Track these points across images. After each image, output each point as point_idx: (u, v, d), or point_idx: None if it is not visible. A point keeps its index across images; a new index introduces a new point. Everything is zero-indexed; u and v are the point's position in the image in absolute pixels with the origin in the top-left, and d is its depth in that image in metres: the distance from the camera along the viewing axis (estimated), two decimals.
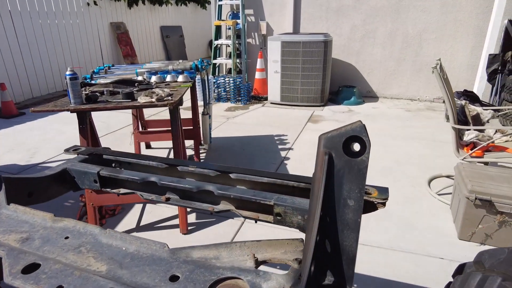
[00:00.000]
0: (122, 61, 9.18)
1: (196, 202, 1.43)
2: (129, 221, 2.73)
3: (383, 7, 6.36)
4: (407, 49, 6.48)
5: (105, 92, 2.55)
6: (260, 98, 6.63)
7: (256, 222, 1.37)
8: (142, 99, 2.24)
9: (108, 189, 1.58)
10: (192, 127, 3.89)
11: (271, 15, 7.07)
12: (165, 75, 3.14)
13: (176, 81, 3.05)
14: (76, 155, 1.77)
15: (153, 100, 2.19)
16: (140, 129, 3.90)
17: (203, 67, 3.52)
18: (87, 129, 2.39)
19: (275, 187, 1.41)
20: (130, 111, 5.36)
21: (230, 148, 4.28)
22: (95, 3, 8.43)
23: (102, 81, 2.90)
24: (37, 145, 4.54)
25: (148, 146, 4.31)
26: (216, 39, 7.07)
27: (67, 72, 2.20)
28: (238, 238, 2.48)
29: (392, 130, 4.89)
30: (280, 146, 4.26)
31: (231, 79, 6.51)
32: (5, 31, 6.48)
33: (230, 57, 7.14)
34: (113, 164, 1.79)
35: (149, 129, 3.84)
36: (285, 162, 3.81)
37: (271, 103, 6.40)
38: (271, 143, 4.40)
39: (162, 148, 4.35)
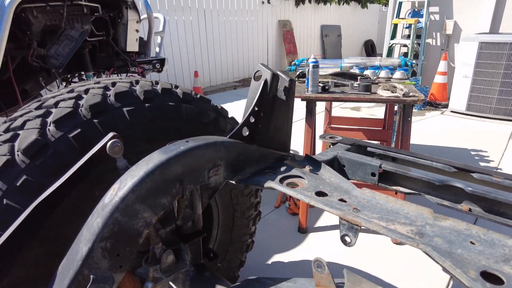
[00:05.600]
0: (284, 58, 9.57)
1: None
2: (330, 216, 2.68)
3: None
4: None
5: (330, 83, 2.52)
6: (437, 105, 5.91)
7: None
8: (383, 93, 2.10)
9: (385, 185, 1.47)
10: (381, 128, 3.65)
11: (460, 13, 6.21)
12: (377, 71, 2.97)
13: (392, 77, 2.84)
14: (330, 144, 1.72)
15: (399, 95, 2.03)
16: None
17: (413, 65, 3.22)
18: (313, 119, 2.40)
19: None
20: None
21: None
22: (268, 1, 8.96)
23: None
24: None
25: None
26: (392, 38, 6.61)
27: (311, 60, 2.22)
28: None
29: None
30: (481, 163, 3.64)
31: None
32: (199, 27, 7.45)
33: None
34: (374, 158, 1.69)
35: (340, 126, 3.75)
36: None
37: (452, 111, 5.62)
38: (466, 158, 3.81)
39: None
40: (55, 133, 0.99)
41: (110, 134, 0.89)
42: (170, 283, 1.05)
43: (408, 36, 6.47)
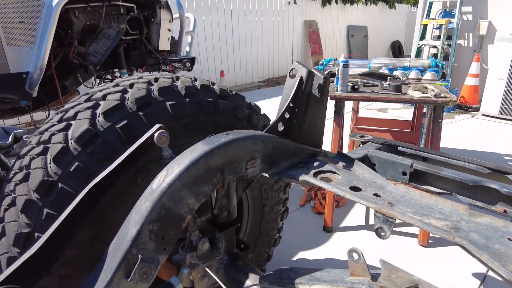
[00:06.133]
0: (309, 59, 9.53)
1: None
2: (356, 217, 2.67)
3: None
4: None
5: (359, 83, 2.52)
6: (467, 108, 5.75)
7: None
8: (414, 93, 2.08)
9: (416, 185, 1.47)
10: (409, 130, 3.60)
11: (496, 12, 6.00)
12: (407, 72, 2.93)
13: (422, 78, 2.80)
14: (361, 142, 1.73)
15: (430, 95, 2.01)
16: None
17: (444, 66, 3.16)
18: (341, 118, 2.40)
19: None
20: None
21: None
22: (294, 1, 8.95)
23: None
24: None
25: None
26: (421, 39, 6.47)
27: (342, 59, 2.23)
28: None
29: None
30: None
31: None
32: (225, 27, 7.54)
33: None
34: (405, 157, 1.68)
35: (366, 127, 3.73)
36: None
37: (483, 115, 5.44)
38: (499, 162, 3.69)
39: None
40: (103, 124, 1.06)
41: (157, 125, 0.95)
42: (206, 269, 1.10)
43: (438, 37, 6.31)
